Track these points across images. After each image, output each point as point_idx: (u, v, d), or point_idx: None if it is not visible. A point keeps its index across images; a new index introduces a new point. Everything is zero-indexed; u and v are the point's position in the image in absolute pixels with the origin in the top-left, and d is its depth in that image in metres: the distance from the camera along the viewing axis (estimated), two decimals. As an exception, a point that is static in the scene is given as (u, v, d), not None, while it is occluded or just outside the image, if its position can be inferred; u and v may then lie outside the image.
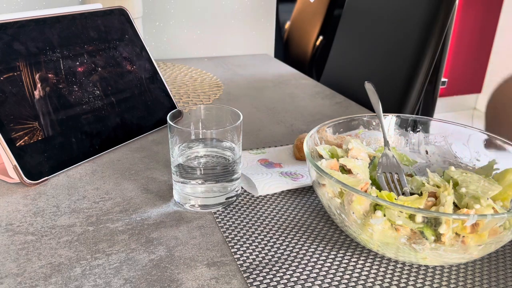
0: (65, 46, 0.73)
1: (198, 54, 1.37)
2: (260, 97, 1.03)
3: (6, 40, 0.65)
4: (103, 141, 0.73)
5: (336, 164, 0.56)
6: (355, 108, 0.97)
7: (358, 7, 1.22)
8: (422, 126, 0.64)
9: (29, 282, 0.46)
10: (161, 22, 1.30)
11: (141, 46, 0.85)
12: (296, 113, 0.93)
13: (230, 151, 0.59)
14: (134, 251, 0.51)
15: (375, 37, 1.11)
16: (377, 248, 0.50)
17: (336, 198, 0.50)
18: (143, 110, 0.81)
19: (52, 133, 0.66)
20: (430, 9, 0.97)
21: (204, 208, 0.58)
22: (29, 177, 0.62)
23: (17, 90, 0.65)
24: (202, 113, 0.62)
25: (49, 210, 0.58)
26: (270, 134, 0.83)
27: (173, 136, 0.57)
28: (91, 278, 0.47)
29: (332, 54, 1.29)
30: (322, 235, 0.55)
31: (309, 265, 0.49)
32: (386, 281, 0.48)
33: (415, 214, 0.45)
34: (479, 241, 0.45)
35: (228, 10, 1.36)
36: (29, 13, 0.70)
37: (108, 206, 0.59)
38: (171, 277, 0.47)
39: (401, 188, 0.54)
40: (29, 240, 0.52)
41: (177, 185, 0.59)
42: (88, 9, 0.79)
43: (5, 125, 0.62)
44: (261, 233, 0.55)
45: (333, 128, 0.62)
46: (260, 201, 0.61)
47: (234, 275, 0.48)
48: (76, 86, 0.72)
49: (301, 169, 0.67)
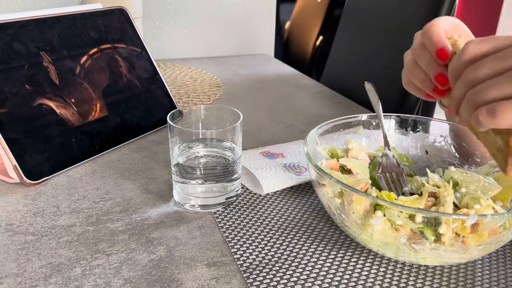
0: (65, 46, 0.73)
1: (198, 54, 1.37)
2: (260, 97, 1.03)
3: (6, 40, 0.65)
4: (103, 141, 0.73)
5: (336, 164, 0.56)
6: (355, 108, 0.97)
7: (358, 7, 1.22)
8: (422, 126, 0.64)
9: (29, 282, 0.46)
10: (161, 22, 1.30)
11: (141, 46, 0.85)
12: (296, 113, 0.93)
13: (230, 151, 0.59)
14: (134, 251, 0.51)
15: (375, 37, 1.11)
16: (377, 248, 0.50)
17: (336, 198, 0.50)
18: (143, 110, 0.81)
19: (52, 133, 0.66)
20: (430, 9, 0.97)
21: (204, 208, 0.58)
22: (29, 177, 0.62)
23: (17, 90, 0.65)
24: (202, 113, 0.62)
25: (49, 210, 0.58)
26: (270, 134, 0.83)
27: (173, 136, 0.57)
28: (91, 278, 0.47)
29: (332, 54, 1.29)
30: (322, 235, 0.55)
31: (309, 265, 0.49)
32: (386, 281, 0.48)
33: (415, 214, 0.45)
34: (479, 241, 0.45)
35: (228, 10, 1.36)
36: (29, 13, 0.70)
37: (108, 206, 0.59)
38: (171, 277, 0.47)
39: (401, 188, 0.54)
40: (29, 240, 0.52)
41: (177, 185, 0.59)
42: (88, 9, 0.79)
43: (5, 125, 0.62)
44: (261, 233, 0.55)
45: (333, 128, 0.62)
46: (260, 201, 0.61)
47: (234, 275, 0.48)
48: (76, 85, 0.72)
49: (304, 161, 0.66)
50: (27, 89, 0.66)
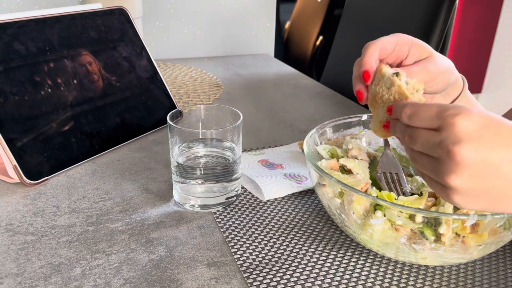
0: (65, 46, 0.73)
1: (198, 54, 1.37)
2: (260, 97, 1.03)
3: (6, 40, 0.65)
4: (103, 141, 0.73)
5: (336, 164, 0.56)
6: (355, 108, 0.97)
7: (358, 7, 1.22)
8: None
9: (29, 282, 0.46)
10: (161, 22, 1.30)
11: (141, 46, 0.85)
12: (296, 113, 0.93)
13: (230, 151, 0.59)
14: (134, 251, 0.51)
15: (376, 37, 1.11)
16: (377, 248, 0.50)
17: (336, 198, 0.50)
18: (143, 110, 0.81)
19: (52, 133, 0.66)
20: (430, 9, 0.97)
21: (204, 208, 0.58)
22: (29, 177, 0.62)
23: (17, 90, 0.65)
24: (202, 113, 0.62)
25: (49, 210, 0.58)
26: (270, 134, 0.83)
27: (173, 136, 0.57)
28: (91, 278, 0.47)
29: (332, 54, 1.29)
30: (322, 235, 0.55)
31: (309, 265, 0.49)
32: (386, 281, 0.48)
33: (415, 214, 0.45)
34: (479, 241, 0.45)
35: (228, 10, 1.36)
36: (29, 13, 0.70)
37: (108, 206, 0.59)
38: (171, 277, 0.47)
39: (401, 188, 0.54)
40: (29, 240, 0.52)
41: (177, 185, 0.59)
42: (88, 9, 0.79)
43: (5, 125, 0.62)
44: (261, 233, 0.55)
45: (333, 128, 0.62)
46: (260, 201, 0.61)
47: (234, 275, 0.48)
48: (76, 86, 0.72)
49: (304, 171, 0.66)
50: (27, 89, 0.66)
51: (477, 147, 0.36)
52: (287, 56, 2.25)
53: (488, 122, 0.37)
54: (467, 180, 0.37)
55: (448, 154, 0.37)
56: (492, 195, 0.37)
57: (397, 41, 0.52)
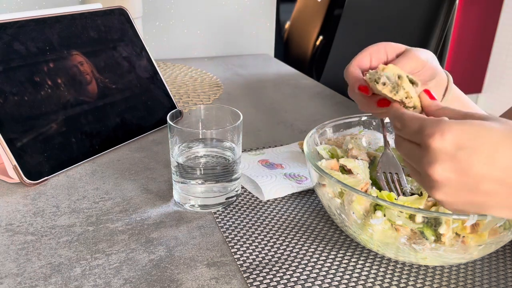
0: (65, 46, 0.73)
1: (198, 54, 1.37)
2: (260, 97, 1.03)
3: (6, 40, 0.65)
4: (103, 141, 0.73)
5: (336, 164, 0.56)
6: (355, 108, 0.97)
7: (358, 6, 1.22)
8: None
9: (29, 282, 0.46)
10: (161, 22, 1.30)
11: (141, 46, 0.85)
12: (296, 113, 0.93)
13: (230, 151, 0.59)
14: (134, 251, 0.51)
15: (376, 37, 1.11)
16: (377, 248, 0.50)
17: (336, 198, 0.50)
18: (143, 110, 0.81)
19: (52, 133, 0.66)
20: (430, 9, 0.97)
21: (204, 208, 0.58)
22: (29, 177, 0.62)
23: (17, 90, 0.65)
24: (202, 113, 0.62)
25: (49, 210, 0.58)
26: (270, 134, 0.83)
27: (173, 136, 0.57)
28: (91, 278, 0.47)
29: (332, 54, 1.29)
30: (322, 235, 0.55)
31: (309, 265, 0.49)
32: (386, 281, 0.48)
33: (415, 214, 0.45)
34: (479, 241, 0.45)
35: (228, 10, 1.36)
36: (29, 13, 0.70)
37: (108, 206, 0.59)
38: (171, 277, 0.47)
39: (401, 188, 0.54)
40: (29, 240, 0.52)
41: (177, 185, 0.59)
42: (88, 9, 0.79)
43: (5, 125, 0.62)
44: (261, 233, 0.55)
45: (333, 128, 0.62)
46: (260, 201, 0.61)
47: (234, 275, 0.48)
48: (76, 86, 0.72)
49: (304, 171, 0.66)
50: (27, 89, 0.66)
51: (452, 167, 0.37)
52: (287, 56, 2.25)
53: (464, 141, 0.36)
54: (449, 194, 0.38)
55: (426, 172, 0.38)
56: (476, 207, 0.38)
57: (369, 52, 0.53)
